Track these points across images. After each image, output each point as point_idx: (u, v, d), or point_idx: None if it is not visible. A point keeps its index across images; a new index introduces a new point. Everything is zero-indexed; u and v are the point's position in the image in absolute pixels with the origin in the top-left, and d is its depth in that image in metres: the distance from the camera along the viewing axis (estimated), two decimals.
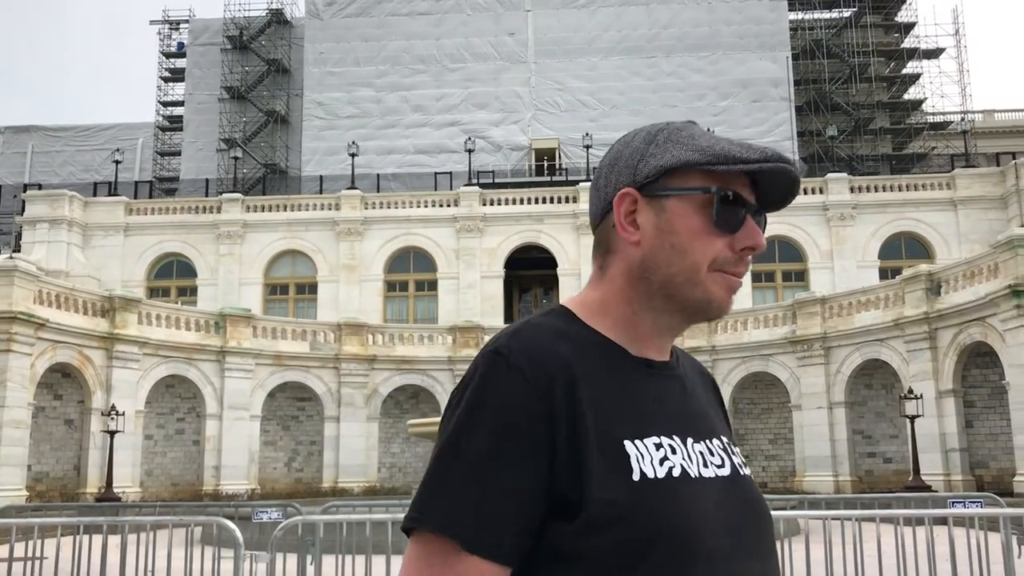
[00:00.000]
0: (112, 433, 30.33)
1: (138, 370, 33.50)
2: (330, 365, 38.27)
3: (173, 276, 48.53)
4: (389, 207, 48.54)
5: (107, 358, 32.53)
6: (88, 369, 31.90)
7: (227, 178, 54.98)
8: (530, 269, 48.49)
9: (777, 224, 46.04)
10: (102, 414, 31.06)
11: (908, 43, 60.24)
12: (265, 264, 47.96)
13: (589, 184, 19.55)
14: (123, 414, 30.85)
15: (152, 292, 46.93)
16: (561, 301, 1.87)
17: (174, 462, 35.78)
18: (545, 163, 55.26)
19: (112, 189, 51.29)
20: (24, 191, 53.24)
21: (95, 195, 51.30)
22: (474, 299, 46.15)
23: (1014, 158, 47.70)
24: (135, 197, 52.27)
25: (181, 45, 62.20)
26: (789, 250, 46.12)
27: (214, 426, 35.67)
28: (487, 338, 24.30)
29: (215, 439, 35.56)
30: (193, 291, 47.74)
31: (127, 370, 33.05)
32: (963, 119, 56.68)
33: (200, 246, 48.14)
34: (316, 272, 47.68)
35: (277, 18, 59.52)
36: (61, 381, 32.07)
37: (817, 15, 60.03)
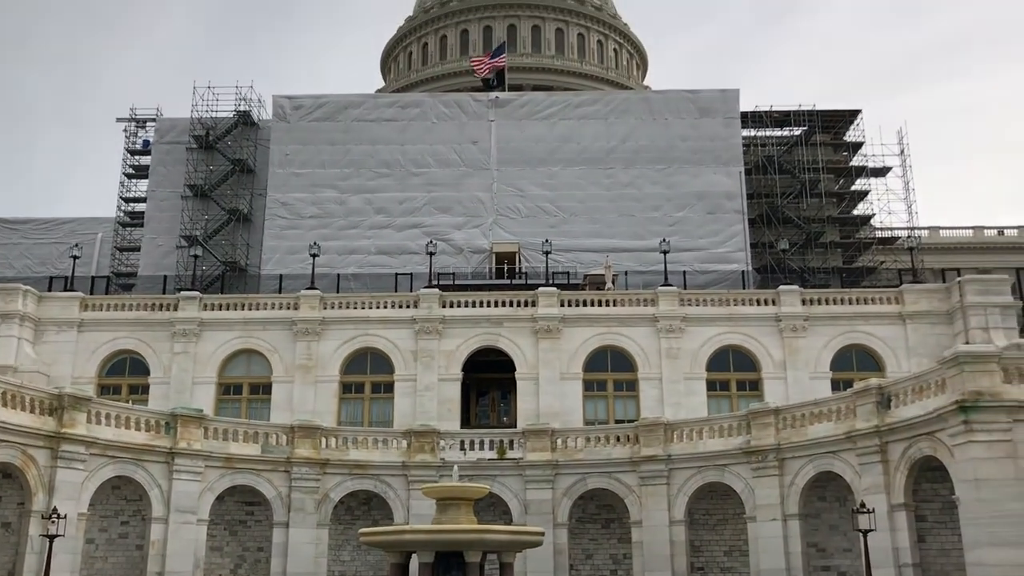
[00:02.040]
0: (52, 537, 29.32)
1: (84, 471, 32.61)
2: (281, 468, 37.57)
3: (125, 373, 47.75)
4: (348, 307, 48.54)
5: (52, 458, 31.67)
6: (31, 470, 31.00)
7: (186, 275, 54.80)
8: (488, 372, 48.49)
9: (731, 334, 46.87)
10: (42, 517, 30.06)
11: (856, 161, 62.69)
12: (220, 363, 47.43)
13: (548, 289, 19.98)
14: (64, 517, 29.89)
15: (103, 390, 46.08)
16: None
17: (115, 568, 34.52)
18: (506, 266, 56.01)
19: (68, 284, 50.79)
20: None
21: (50, 289, 50.72)
22: (431, 402, 45.89)
23: (959, 274, 49.24)
24: (91, 292, 51.77)
25: (147, 143, 62.70)
26: (743, 360, 46.73)
27: (159, 530, 34.61)
28: (443, 443, 24.42)
29: (160, 544, 34.45)
30: (145, 389, 46.95)
31: (72, 471, 32.16)
32: (910, 236, 58.63)
33: (155, 344, 47.59)
34: (271, 372, 47.22)
35: (244, 119, 60.43)
36: (1, 482, 31.08)
37: (769, 132, 62.42)
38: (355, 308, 48.45)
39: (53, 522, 29.36)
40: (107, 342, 47.76)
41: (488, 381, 49.19)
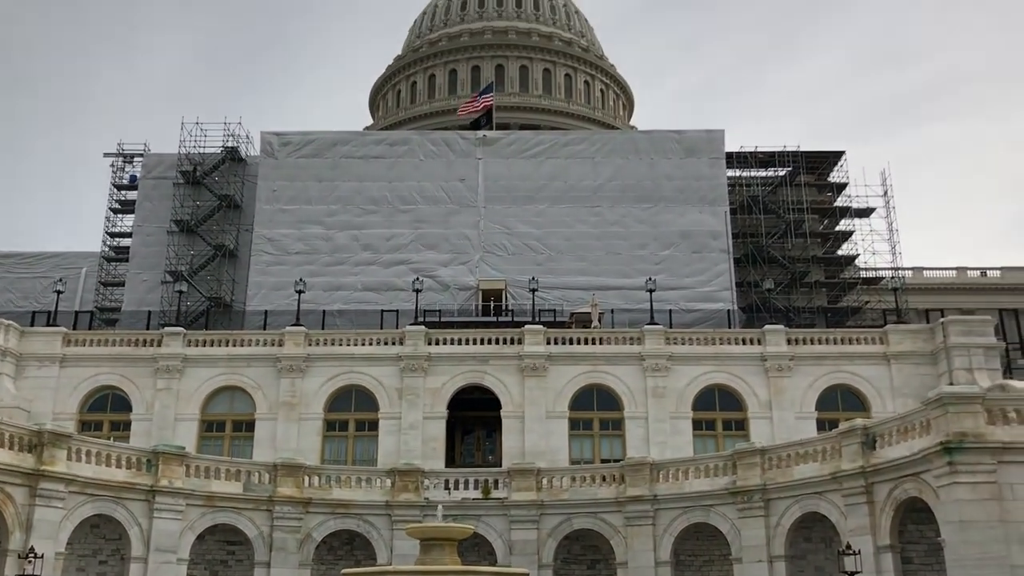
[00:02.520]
0: None
1: (62, 509, 32.14)
2: (263, 507, 37.16)
3: (107, 410, 47.27)
4: (333, 344, 48.32)
5: (30, 496, 31.22)
6: (8, 508, 30.54)
7: (170, 311, 54.52)
8: (474, 410, 48.26)
9: (717, 373, 46.89)
10: (19, 556, 29.56)
11: (840, 202, 63.20)
12: (203, 400, 47.05)
13: (535, 327, 19.89)
14: (42, 557, 29.40)
15: (84, 426, 45.63)
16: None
17: None
18: (492, 304, 55.96)
19: (51, 319, 50.42)
20: None
21: (33, 324, 50.36)
22: (416, 440, 45.59)
23: (943, 315, 49.49)
24: (74, 327, 51.42)
25: (134, 178, 62.65)
26: (729, 399, 46.70)
27: (138, 570, 34.08)
28: (427, 482, 24.18)
29: None
30: (127, 426, 46.47)
31: (51, 509, 31.69)
32: (894, 276, 59.04)
33: (137, 380, 47.19)
34: (255, 409, 46.86)
35: (232, 155, 60.53)
36: None
37: (754, 173, 62.95)
38: (340, 345, 48.24)
39: (30, 562, 28.88)
40: (89, 378, 47.34)
41: (473, 419, 48.94)
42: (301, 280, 51.29)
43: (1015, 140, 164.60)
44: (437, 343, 48.04)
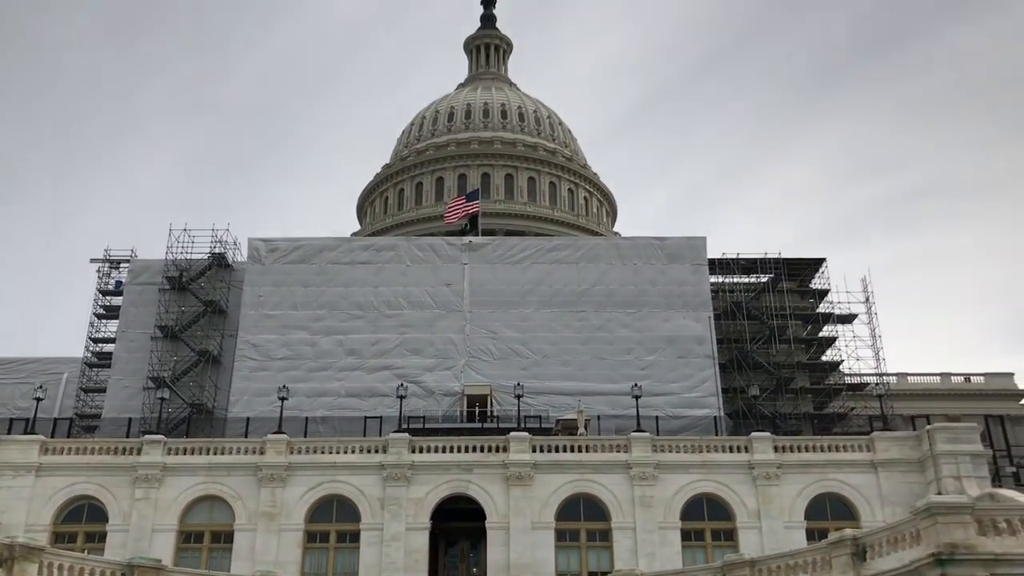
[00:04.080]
0: None
1: None
2: None
3: (83, 520, 45.97)
4: (315, 452, 47.55)
5: None
6: None
7: (151, 417, 53.81)
8: (458, 520, 47.22)
9: (705, 481, 46.29)
10: None
11: (823, 308, 63.83)
12: (182, 510, 45.92)
13: (520, 434, 19.62)
14: None
15: (58, 538, 44.29)
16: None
17: None
18: (477, 409, 55.54)
19: (29, 426, 49.56)
20: None
21: (10, 432, 49.43)
22: (398, 552, 44.47)
23: (928, 421, 49.43)
24: (53, 434, 50.48)
25: (119, 283, 62.71)
26: (717, 508, 45.98)
27: None
28: None
29: None
30: (102, 537, 45.11)
31: None
32: (878, 382, 59.16)
33: (115, 489, 46.11)
34: (234, 520, 45.70)
35: (219, 261, 60.83)
36: None
37: (736, 279, 63.62)
38: (322, 453, 47.48)
39: None
40: (65, 487, 46.18)
41: (458, 530, 47.83)
42: (284, 387, 50.84)
43: (991, 247, 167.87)
44: (421, 451, 47.35)
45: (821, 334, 63.32)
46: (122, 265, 63.07)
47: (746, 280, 63.95)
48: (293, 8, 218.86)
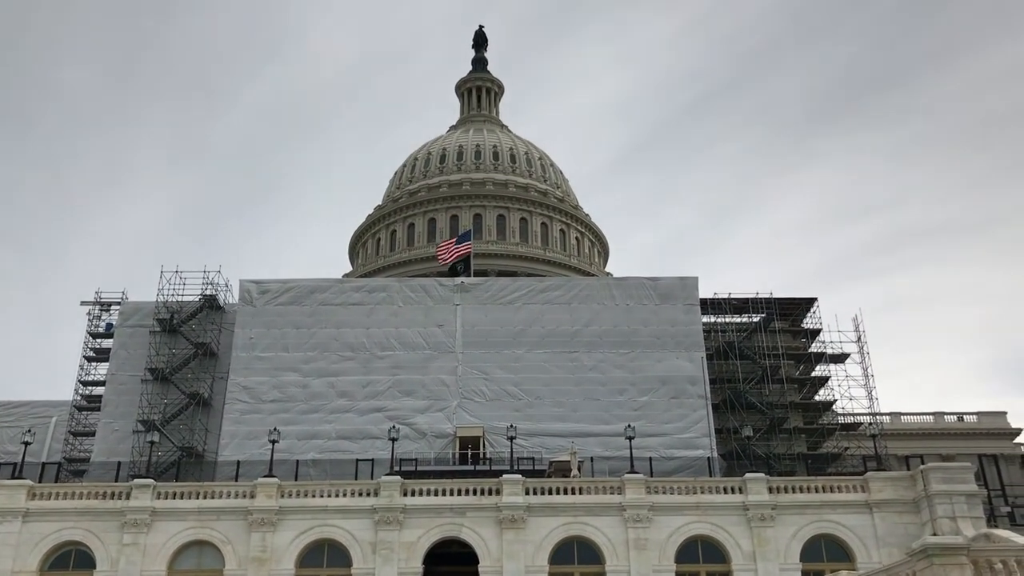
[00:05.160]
0: None
1: None
2: None
3: (69, 567, 45.22)
4: (306, 496, 47.01)
5: None
6: None
7: (140, 461, 53.28)
8: (450, 564, 46.61)
9: (699, 524, 45.89)
10: None
11: (815, 347, 63.87)
12: (170, 556, 45.24)
13: (513, 477, 19.49)
14: None
15: None
16: None
17: None
18: (469, 451, 55.13)
19: (17, 470, 49.00)
20: None
21: None
22: None
23: (922, 461, 49.34)
24: (41, 479, 49.92)
25: (109, 326, 62.43)
26: (712, 551, 45.54)
27: None
28: None
29: None
30: None
31: None
32: (872, 422, 59.06)
33: (103, 535, 45.46)
34: (224, 565, 45.01)
35: (210, 303, 60.65)
36: None
37: (729, 319, 63.67)
38: (313, 496, 46.94)
39: None
40: (52, 533, 45.51)
41: (450, 575, 47.25)
42: (275, 430, 50.40)
43: (981, 286, 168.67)
44: (413, 494, 46.88)
45: (814, 374, 63.31)
46: (113, 307, 62.85)
47: (738, 320, 64.03)
48: (287, 51, 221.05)
